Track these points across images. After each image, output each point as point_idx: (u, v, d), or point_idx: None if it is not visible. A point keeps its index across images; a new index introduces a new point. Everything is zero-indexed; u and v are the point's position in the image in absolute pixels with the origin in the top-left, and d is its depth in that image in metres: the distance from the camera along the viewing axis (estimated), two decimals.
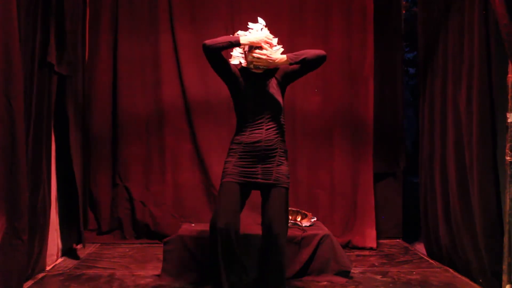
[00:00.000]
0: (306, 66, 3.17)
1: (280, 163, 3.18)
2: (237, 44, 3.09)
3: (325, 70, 5.08)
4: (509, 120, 3.26)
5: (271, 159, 3.16)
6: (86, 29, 4.92)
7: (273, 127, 3.16)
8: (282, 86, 3.26)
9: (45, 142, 3.90)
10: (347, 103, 5.05)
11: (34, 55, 3.62)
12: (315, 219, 4.35)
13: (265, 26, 3.23)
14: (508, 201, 3.25)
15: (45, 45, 3.79)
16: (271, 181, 3.15)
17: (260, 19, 3.25)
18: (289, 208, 4.45)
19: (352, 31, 5.03)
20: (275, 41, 3.24)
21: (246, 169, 3.15)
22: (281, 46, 3.24)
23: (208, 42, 3.03)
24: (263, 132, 3.13)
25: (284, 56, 3.13)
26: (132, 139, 5.06)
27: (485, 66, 3.55)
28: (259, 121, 3.15)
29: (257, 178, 3.15)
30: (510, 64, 3.26)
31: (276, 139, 3.17)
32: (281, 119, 3.23)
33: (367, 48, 4.97)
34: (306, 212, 4.43)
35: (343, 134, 5.05)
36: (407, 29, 5.26)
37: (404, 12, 5.20)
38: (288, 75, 3.25)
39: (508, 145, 3.26)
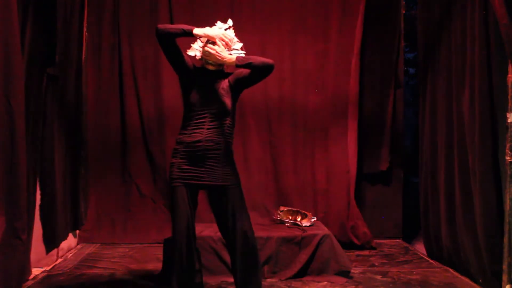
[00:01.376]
0: (253, 72, 3.07)
1: (225, 163, 3.07)
2: (190, 33, 2.97)
3: (324, 68, 5.11)
4: (509, 120, 3.26)
5: (215, 160, 3.04)
6: (84, 30, 4.92)
7: (215, 128, 3.04)
8: (234, 90, 3.14)
9: (44, 142, 3.91)
10: (341, 101, 5.07)
11: (33, 54, 3.62)
12: (315, 219, 4.35)
13: (231, 28, 3.15)
14: (508, 201, 3.25)
15: (36, 44, 3.78)
16: (219, 183, 3.05)
17: (229, 20, 3.18)
18: (290, 209, 4.50)
19: (346, 28, 5.06)
20: (239, 45, 3.16)
21: (190, 172, 3.04)
22: (244, 52, 3.16)
23: (160, 26, 2.96)
24: (203, 132, 3.02)
25: (233, 57, 3.04)
26: (136, 139, 5.08)
27: (486, 66, 3.55)
28: (201, 120, 3.04)
29: (204, 180, 3.04)
30: (510, 64, 3.26)
31: (218, 140, 3.04)
32: (227, 121, 3.09)
33: (354, 44, 5.01)
34: (306, 212, 4.42)
35: (338, 131, 5.08)
36: (407, 29, 5.25)
37: (404, 12, 5.20)
38: (239, 81, 3.14)
39: (508, 145, 3.26)
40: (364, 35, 5.05)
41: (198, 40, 3.13)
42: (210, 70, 3.13)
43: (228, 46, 3.07)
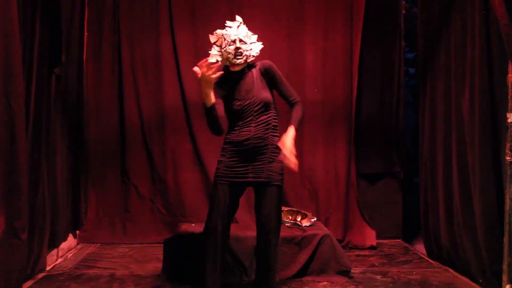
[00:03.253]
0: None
1: (271, 159, 3.13)
2: (205, 105, 2.97)
3: (324, 68, 5.10)
4: (509, 120, 3.26)
5: (262, 156, 3.11)
6: (85, 29, 4.93)
7: (262, 123, 3.11)
8: (268, 82, 3.18)
9: (45, 142, 3.91)
10: (341, 101, 5.08)
11: (32, 54, 3.62)
12: (315, 219, 4.35)
13: (243, 23, 3.21)
14: (508, 201, 3.25)
15: (44, 45, 3.79)
16: (262, 179, 3.11)
17: (237, 17, 3.24)
18: (290, 209, 4.49)
19: (348, 27, 5.06)
20: (254, 38, 3.23)
21: (236, 169, 3.11)
22: (261, 43, 3.24)
23: (211, 131, 3.10)
24: (251, 130, 3.09)
25: (292, 133, 3.02)
26: (136, 139, 5.08)
27: (486, 66, 3.55)
28: (248, 119, 3.10)
29: (248, 177, 3.11)
30: (510, 64, 3.26)
31: (266, 135, 3.12)
32: (271, 113, 3.16)
33: (356, 43, 5.01)
34: (306, 212, 4.42)
35: (338, 131, 5.08)
36: (407, 29, 5.25)
37: (404, 12, 5.20)
38: (270, 81, 3.18)
39: (508, 145, 3.26)
40: (364, 34, 5.05)
41: (214, 46, 3.18)
42: (238, 71, 3.16)
43: (214, 68, 2.92)
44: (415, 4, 5.25)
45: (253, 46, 3.18)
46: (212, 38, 3.20)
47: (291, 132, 3.03)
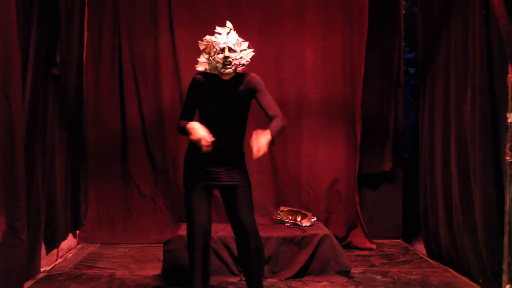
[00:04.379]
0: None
1: (241, 164, 3.16)
2: (182, 131, 3.10)
3: (325, 68, 5.10)
4: (509, 120, 3.26)
5: (234, 162, 3.12)
6: (85, 29, 4.93)
7: (236, 134, 3.12)
8: (251, 93, 3.13)
9: (44, 142, 3.91)
10: (342, 101, 5.08)
11: (28, 54, 3.61)
12: (315, 219, 4.35)
13: (233, 30, 3.10)
14: (508, 201, 3.25)
15: (41, 45, 3.79)
16: (236, 182, 3.11)
17: (228, 23, 3.13)
18: (290, 209, 4.50)
19: (348, 28, 5.06)
20: (245, 45, 3.12)
21: (209, 173, 3.10)
22: (252, 50, 3.13)
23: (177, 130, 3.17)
24: (223, 138, 3.03)
25: (267, 137, 2.86)
26: (137, 139, 5.08)
27: (486, 66, 3.55)
28: (220, 128, 3.04)
29: (222, 180, 3.11)
30: (510, 64, 3.26)
31: (239, 145, 3.14)
32: (242, 127, 3.17)
33: (361, 44, 5.01)
34: (306, 212, 4.43)
35: (339, 131, 5.09)
36: (407, 29, 5.25)
37: (404, 12, 5.20)
38: (251, 94, 3.12)
39: (508, 145, 3.26)
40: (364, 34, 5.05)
41: (203, 53, 3.12)
42: (224, 80, 3.09)
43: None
44: (415, 4, 5.25)
45: (243, 54, 3.07)
46: (201, 45, 3.11)
47: (268, 135, 2.86)
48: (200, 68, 3.14)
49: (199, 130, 2.94)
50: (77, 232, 4.94)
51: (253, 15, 5.06)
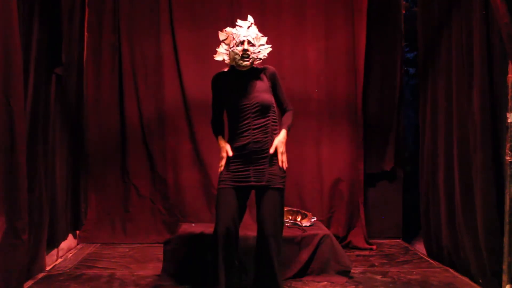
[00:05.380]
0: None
1: (273, 163, 3.14)
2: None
3: (326, 67, 5.10)
4: (509, 120, 3.25)
5: (262, 160, 3.12)
6: (85, 29, 4.93)
7: (261, 127, 3.11)
8: (271, 83, 3.21)
9: (44, 142, 3.91)
10: (342, 100, 5.08)
11: (30, 55, 3.62)
12: (315, 219, 4.35)
13: (254, 24, 3.20)
14: (508, 201, 3.24)
15: (43, 45, 3.79)
16: (263, 183, 3.11)
17: (249, 17, 3.22)
18: (290, 209, 4.49)
19: (348, 27, 5.06)
20: (263, 40, 3.21)
21: (238, 173, 3.12)
22: (270, 46, 3.22)
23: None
24: (250, 133, 3.09)
25: (284, 134, 3.18)
26: (136, 139, 5.08)
27: (486, 65, 3.54)
28: (245, 122, 3.10)
29: (250, 181, 3.12)
30: (510, 64, 3.26)
31: (266, 139, 3.12)
32: (271, 116, 3.16)
33: (360, 42, 5.01)
34: (306, 212, 4.42)
35: (339, 131, 5.09)
36: (407, 29, 5.26)
37: (404, 12, 5.20)
38: (273, 83, 3.23)
39: (508, 145, 3.26)
40: (365, 34, 5.05)
41: (222, 43, 3.16)
42: (242, 71, 3.15)
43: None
44: (415, 4, 5.25)
45: (261, 49, 3.16)
46: (221, 36, 3.18)
47: (282, 134, 3.16)
48: (218, 58, 3.19)
49: (222, 149, 3.18)
50: (77, 232, 4.94)
51: (253, 15, 5.03)
